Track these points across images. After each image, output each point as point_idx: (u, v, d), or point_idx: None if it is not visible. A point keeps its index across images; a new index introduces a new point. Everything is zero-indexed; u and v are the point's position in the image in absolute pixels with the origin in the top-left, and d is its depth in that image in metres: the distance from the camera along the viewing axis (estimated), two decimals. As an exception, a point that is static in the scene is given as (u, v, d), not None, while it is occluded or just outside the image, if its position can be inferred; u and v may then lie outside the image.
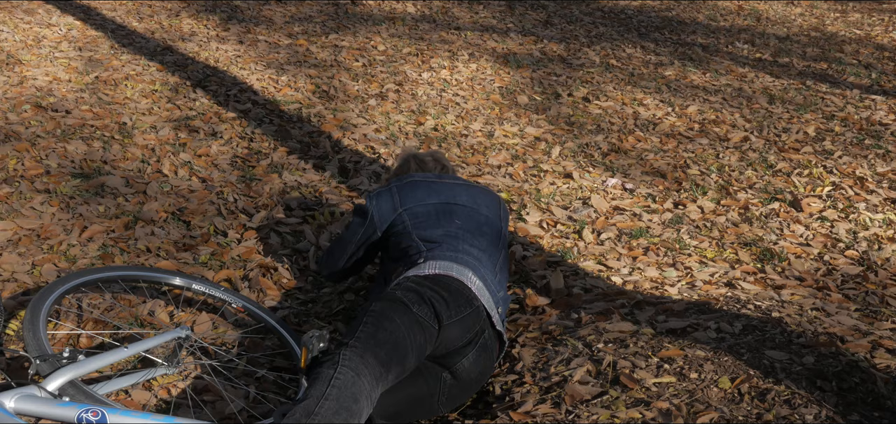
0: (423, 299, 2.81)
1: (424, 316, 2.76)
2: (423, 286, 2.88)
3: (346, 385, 2.43)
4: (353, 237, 3.45)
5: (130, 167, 4.65)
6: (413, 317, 2.74)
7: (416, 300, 2.80)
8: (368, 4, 8.79)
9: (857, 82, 7.17)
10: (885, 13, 10.07)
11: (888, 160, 5.28)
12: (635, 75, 7.12)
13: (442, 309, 2.80)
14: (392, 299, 2.80)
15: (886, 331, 3.11)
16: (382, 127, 5.58)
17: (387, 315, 2.72)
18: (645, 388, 2.69)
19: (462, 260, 3.06)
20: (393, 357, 2.62)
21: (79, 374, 2.53)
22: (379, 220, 3.39)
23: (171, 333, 2.97)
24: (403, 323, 2.71)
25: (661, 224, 4.42)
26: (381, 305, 2.77)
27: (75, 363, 2.54)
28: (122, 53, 6.54)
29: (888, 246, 4.14)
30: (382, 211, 3.39)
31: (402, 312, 2.74)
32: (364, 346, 2.57)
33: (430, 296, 2.82)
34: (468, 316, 2.87)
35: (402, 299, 2.79)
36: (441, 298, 2.83)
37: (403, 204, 3.38)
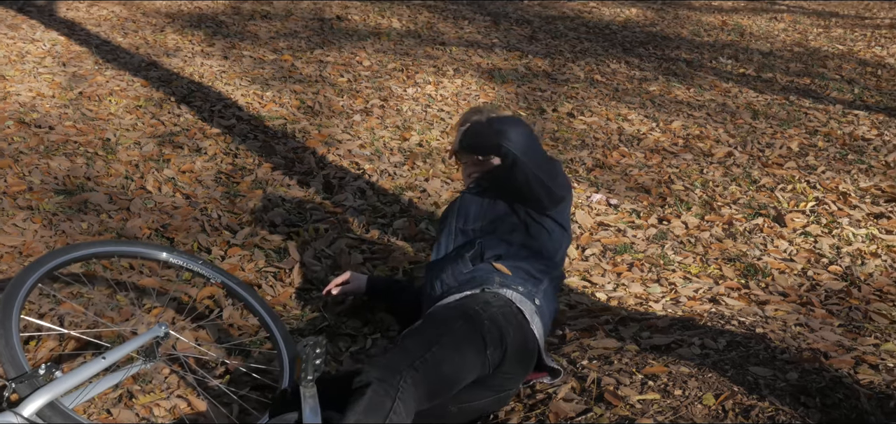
0: (502, 340, 2.74)
1: (491, 360, 2.71)
2: (510, 321, 2.83)
3: (399, 422, 2.36)
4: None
5: (114, 183, 4.63)
6: (483, 359, 2.67)
7: (497, 339, 2.73)
8: (354, 20, 8.79)
9: (840, 97, 7.20)
10: (867, 29, 10.13)
11: (871, 175, 5.30)
12: (620, 90, 7.14)
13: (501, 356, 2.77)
14: (478, 324, 2.73)
15: (870, 347, 3.12)
16: (367, 142, 5.57)
17: (462, 347, 2.63)
18: (629, 405, 2.69)
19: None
20: (440, 394, 2.56)
21: (57, 394, 2.46)
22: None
23: (149, 333, 2.91)
24: (470, 363, 2.64)
25: (645, 239, 4.43)
26: (465, 329, 2.68)
27: (53, 382, 2.48)
28: (107, 69, 6.53)
29: (871, 262, 4.16)
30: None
31: (477, 350, 2.66)
32: (425, 378, 2.47)
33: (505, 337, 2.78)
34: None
35: (484, 334, 2.70)
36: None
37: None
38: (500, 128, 2.99)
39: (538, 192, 3.07)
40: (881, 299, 3.74)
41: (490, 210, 3.19)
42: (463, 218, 3.22)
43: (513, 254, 3.06)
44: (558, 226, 3.19)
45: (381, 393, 2.35)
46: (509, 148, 2.95)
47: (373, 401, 2.33)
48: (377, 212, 4.61)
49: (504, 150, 2.96)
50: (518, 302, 2.89)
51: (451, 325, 2.72)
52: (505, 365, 2.77)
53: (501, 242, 3.09)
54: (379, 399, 2.33)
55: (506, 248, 3.08)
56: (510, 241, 3.09)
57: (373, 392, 2.35)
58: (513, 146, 2.95)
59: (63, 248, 3.02)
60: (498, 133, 2.98)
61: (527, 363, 2.87)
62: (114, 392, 2.96)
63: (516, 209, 3.15)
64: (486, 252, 3.07)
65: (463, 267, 3.04)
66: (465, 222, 3.20)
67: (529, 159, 2.99)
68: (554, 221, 3.17)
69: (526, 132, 2.99)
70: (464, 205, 3.25)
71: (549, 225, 3.15)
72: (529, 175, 3.00)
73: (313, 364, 2.55)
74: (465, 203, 3.26)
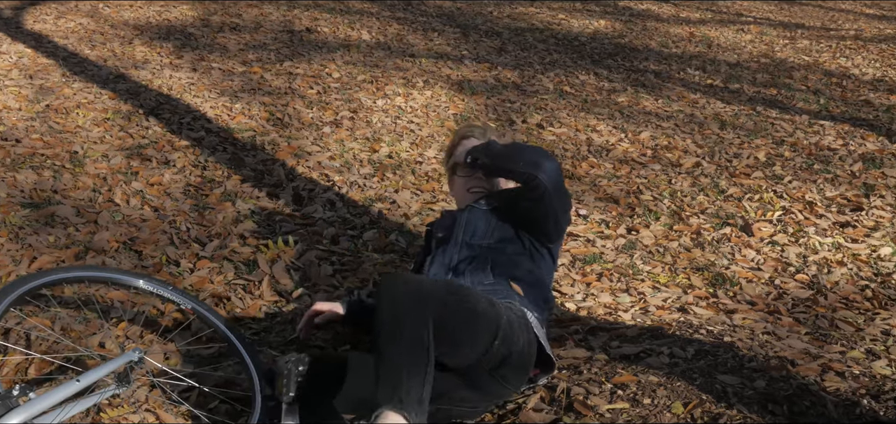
0: (512, 342, 2.80)
1: (495, 353, 2.76)
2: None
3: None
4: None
5: (81, 196, 4.60)
6: (489, 344, 2.73)
7: (509, 338, 2.79)
8: (323, 32, 8.79)
9: (806, 108, 7.28)
10: (832, 40, 10.24)
11: (837, 184, 5.35)
12: (589, 102, 7.18)
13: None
14: (498, 313, 2.77)
15: (836, 354, 3.15)
16: (337, 154, 5.57)
17: (480, 310, 2.69)
18: (599, 414, 2.70)
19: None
20: (447, 335, 2.61)
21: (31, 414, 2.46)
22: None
23: (124, 357, 2.91)
24: (481, 332, 2.71)
25: (614, 249, 4.45)
26: (486, 305, 2.73)
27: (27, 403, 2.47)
28: (74, 81, 6.49)
29: (837, 270, 4.20)
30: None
31: (489, 329, 2.73)
32: (446, 311, 2.57)
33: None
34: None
35: (500, 324, 2.75)
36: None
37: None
38: (535, 159, 3.02)
39: (551, 226, 3.14)
40: (847, 307, 3.78)
41: (497, 230, 3.19)
42: (471, 232, 3.21)
43: (522, 279, 3.08)
44: (551, 259, 3.24)
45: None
46: (544, 181, 2.98)
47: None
48: (347, 224, 4.60)
49: (537, 182, 2.99)
50: (534, 325, 2.92)
51: (476, 294, 2.76)
52: (505, 370, 2.79)
53: (511, 264, 3.10)
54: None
55: (515, 271, 3.09)
56: (518, 265, 3.11)
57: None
58: (547, 180, 2.99)
59: (35, 273, 3.01)
60: (534, 164, 3.01)
61: (523, 374, 2.90)
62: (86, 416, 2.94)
63: (522, 235, 3.17)
64: (496, 266, 3.08)
65: (484, 277, 3.05)
66: (473, 236, 3.19)
67: (556, 195, 3.04)
68: (549, 253, 3.22)
69: (557, 167, 3.04)
70: (472, 220, 3.24)
71: (545, 256, 3.19)
72: (550, 210, 3.06)
73: (295, 381, 2.56)
74: (473, 217, 3.25)
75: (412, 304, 2.47)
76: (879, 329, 3.48)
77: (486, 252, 3.14)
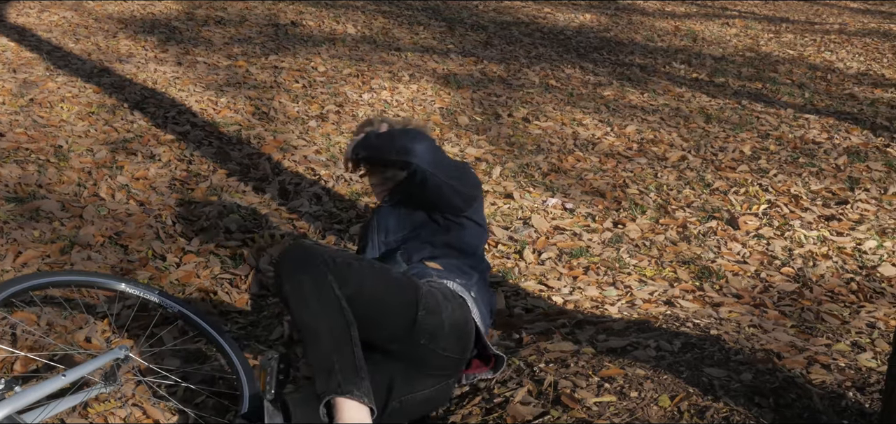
0: (438, 310, 2.86)
1: (423, 325, 2.82)
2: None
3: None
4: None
5: (66, 190, 4.58)
6: (412, 315, 2.79)
7: (433, 307, 2.84)
8: (308, 25, 8.76)
9: (791, 101, 7.30)
10: (817, 34, 10.27)
11: (822, 178, 5.38)
12: (574, 95, 7.18)
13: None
14: (415, 287, 2.82)
15: (822, 347, 3.17)
16: (323, 148, 5.56)
17: (391, 285, 2.77)
18: (586, 408, 2.71)
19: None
20: (358, 305, 2.66)
21: (16, 408, 2.46)
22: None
23: (110, 354, 2.91)
24: (395, 303, 2.77)
25: (600, 243, 4.46)
26: (401, 280, 2.80)
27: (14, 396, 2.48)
28: (58, 75, 6.45)
29: (823, 263, 4.21)
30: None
31: (406, 301, 2.77)
32: (346, 272, 2.62)
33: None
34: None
35: (419, 296, 2.80)
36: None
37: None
38: (404, 144, 2.99)
39: (452, 199, 3.10)
40: (832, 300, 3.79)
41: (408, 219, 3.18)
42: (384, 231, 3.20)
43: (440, 254, 3.09)
44: (475, 224, 3.21)
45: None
46: (417, 164, 2.95)
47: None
48: (333, 218, 4.60)
49: (412, 167, 2.96)
50: (458, 290, 2.94)
51: (382, 264, 2.81)
52: (442, 340, 2.81)
53: (426, 244, 3.10)
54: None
55: (431, 249, 3.09)
56: (434, 243, 3.10)
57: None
58: (420, 161, 2.96)
59: (19, 277, 3.00)
60: (403, 150, 2.98)
61: (465, 342, 2.91)
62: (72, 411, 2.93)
63: (434, 216, 3.15)
64: (412, 255, 3.08)
65: (397, 268, 3.04)
66: (387, 235, 3.19)
67: (439, 170, 3.00)
68: (470, 220, 3.20)
69: (430, 145, 3.00)
70: (382, 220, 3.23)
71: (467, 224, 3.17)
72: (441, 185, 3.02)
73: (276, 378, 2.54)
74: (382, 217, 3.23)
75: (311, 270, 2.53)
76: (864, 321, 3.49)
77: (399, 244, 3.15)
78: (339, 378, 2.40)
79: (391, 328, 2.73)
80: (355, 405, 2.39)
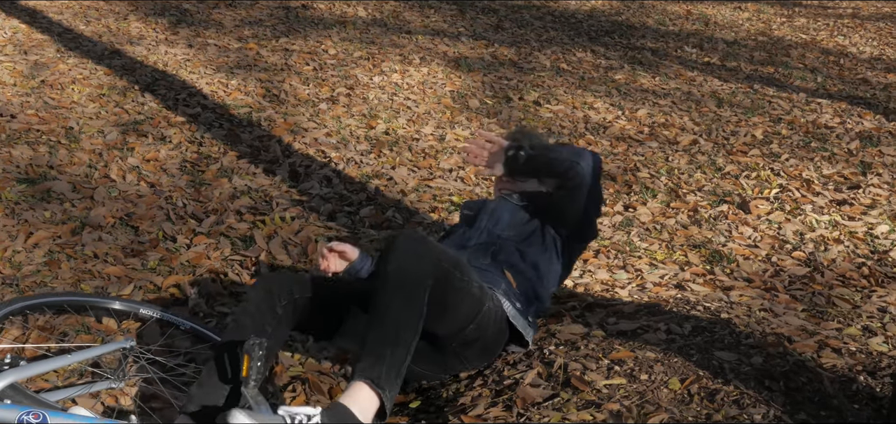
0: (484, 330, 2.91)
1: (466, 334, 2.89)
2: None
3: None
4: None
5: (77, 172, 4.59)
6: (466, 324, 2.84)
7: (484, 325, 2.90)
8: (319, 8, 8.75)
9: (803, 86, 7.27)
10: (830, 18, 10.22)
11: (834, 162, 5.35)
12: (585, 79, 7.16)
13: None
14: (484, 299, 2.85)
15: (833, 331, 3.16)
16: (333, 131, 5.55)
17: (471, 293, 2.80)
18: (596, 390, 2.70)
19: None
20: (439, 305, 2.74)
21: (20, 377, 2.48)
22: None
23: (116, 344, 2.92)
24: (464, 310, 2.81)
25: (611, 227, 4.45)
26: (479, 290, 2.82)
27: (17, 367, 2.50)
28: (69, 57, 6.46)
29: (834, 248, 4.20)
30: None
31: (471, 310, 2.82)
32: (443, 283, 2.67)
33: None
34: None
35: (482, 310, 2.85)
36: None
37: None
38: (578, 150, 3.10)
39: (581, 220, 3.17)
40: (844, 284, 3.78)
41: (521, 224, 3.20)
42: (495, 220, 3.22)
43: (524, 269, 3.09)
44: (567, 263, 3.26)
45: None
46: (584, 169, 3.02)
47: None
48: (344, 200, 4.60)
49: (578, 169, 3.02)
50: (511, 317, 2.94)
51: (473, 276, 2.80)
52: (469, 351, 2.90)
53: (517, 252, 3.11)
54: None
55: (519, 258, 3.10)
56: (525, 255, 3.11)
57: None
58: (588, 168, 3.03)
59: (15, 299, 3.01)
60: (576, 153, 3.06)
61: (486, 358, 3.00)
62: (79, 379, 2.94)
63: (546, 230, 3.18)
64: (500, 255, 3.09)
65: (483, 258, 3.07)
66: (496, 225, 3.20)
67: (592, 186, 3.08)
68: (567, 257, 3.24)
69: (599, 160, 3.10)
70: (499, 210, 3.25)
71: (561, 257, 3.20)
72: (583, 202, 3.10)
73: (257, 366, 2.51)
74: (501, 207, 3.26)
75: (419, 262, 2.55)
76: (876, 306, 3.48)
77: (500, 241, 3.16)
78: (381, 370, 2.41)
79: (442, 325, 2.76)
80: (374, 399, 2.39)
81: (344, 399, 2.36)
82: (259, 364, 2.49)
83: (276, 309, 2.81)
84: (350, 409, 2.34)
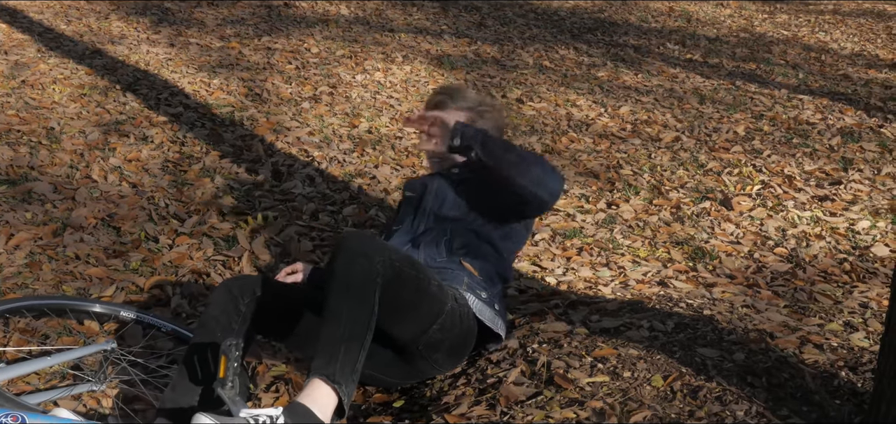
0: (450, 330, 2.88)
1: (431, 336, 2.85)
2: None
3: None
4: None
5: (58, 172, 4.56)
6: (428, 324, 2.81)
7: (448, 326, 2.86)
8: (301, 6, 8.73)
9: (785, 82, 7.29)
10: (811, 15, 10.26)
11: (815, 158, 5.38)
12: (568, 76, 7.17)
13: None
14: (445, 299, 2.82)
15: (815, 327, 3.17)
16: (316, 130, 5.54)
17: (428, 291, 2.76)
18: (579, 388, 2.71)
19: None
20: (395, 305, 2.72)
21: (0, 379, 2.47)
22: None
23: (97, 346, 2.91)
24: (424, 311, 2.78)
25: (594, 224, 4.46)
26: (437, 288, 2.78)
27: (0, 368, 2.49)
28: (50, 57, 6.43)
29: (816, 244, 4.22)
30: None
31: (432, 310, 2.79)
32: (394, 275, 2.63)
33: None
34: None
35: (444, 310, 2.81)
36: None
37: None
38: (543, 178, 2.88)
39: (529, 215, 3.13)
40: (825, 280, 3.80)
41: (467, 203, 3.08)
42: (440, 202, 3.10)
43: (482, 253, 3.03)
44: (525, 228, 3.20)
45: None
46: (548, 202, 2.94)
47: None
48: (327, 199, 4.59)
49: (542, 202, 2.93)
50: (477, 312, 2.91)
51: (429, 274, 2.76)
52: (437, 354, 2.87)
53: (471, 232, 3.04)
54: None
55: (474, 238, 3.04)
56: (480, 234, 3.05)
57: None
58: (551, 201, 2.94)
59: (24, 297, 2.99)
60: (539, 183, 2.87)
61: (456, 360, 2.97)
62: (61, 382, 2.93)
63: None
64: (454, 243, 3.02)
65: (437, 254, 3.00)
66: (441, 207, 3.09)
67: (554, 200, 2.97)
68: (523, 223, 3.18)
69: (562, 184, 2.93)
70: (442, 189, 3.12)
71: (518, 227, 3.15)
72: (545, 208, 3.03)
73: (233, 366, 2.50)
74: (443, 186, 3.13)
75: (367, 261, 2.52)
76: (857, 301, 3.50)
77: (449, 225, 3.06)
78: (336, 367, 2.40)
79: (402, 328, 2.75)
80: (332, 395, 2.38)
81: (302, 398, 2.35)
82: (235, 365, 2.49)
83: (239, 308, 2.81)
84: (310, 408, 2.32)
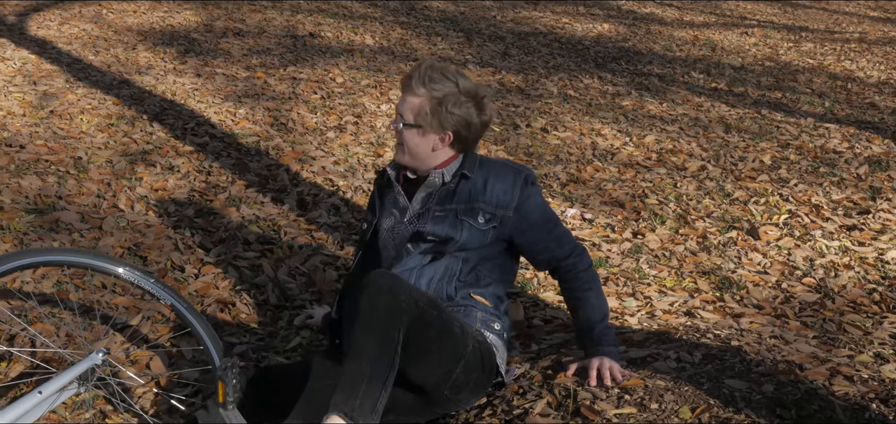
0: (473, 371, 2.85)
1: (455, 379, 2.81)
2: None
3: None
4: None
5: (86, 202, 4.59)
6: (452, 368, 2.77)
7: (473, 366, 2.83)
8: (327, 37, 8.78)
9: (811, 111, 7.26)
10: (837, 43, 10.22)
11: (843, 187, 5.34)
12: (593, 106, 7.16)
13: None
14: (466, 340, 2.78)
15: (844, 358, 3.13)
16: (341, 159, 5.56)
17: (452, 334, 2.72)
18: (606, 420, 2.68)
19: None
20: (417, 345, 2.66)
21: None
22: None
23: (85, 362, 2.83)
24: (445, 355, 2.73)
25: (620, 254, 4.44)
26: (461, 331, 2.75)
27: None
28: (78, 87, 6.48)
29: (844, 273, 4.18)
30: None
31: (454, 354, 2.75)
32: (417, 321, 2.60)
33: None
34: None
35: (466, 354, 2.78)
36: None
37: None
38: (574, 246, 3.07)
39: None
40: (855, 310, 3.76)
41: (456, 217, 2.95)
42: (427, 221, 2.96)
43: (491, 280, 2.99)
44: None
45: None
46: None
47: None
48: (352, 229, 4.59)
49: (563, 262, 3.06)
50: (494, 347, 2.91)
51: (452, 316, 2.73)
52: (462, 394, 2.83)
53: (479, 270, 2.97)
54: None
55: (481, 278, 2.98)
56: (487, 266, 2.99)
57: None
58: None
59: (14, 253, 2.91)
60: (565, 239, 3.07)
61: (477, 396, 2.94)
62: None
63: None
64: (463, 274, 2.94)
65: (449, 288, 2.93)
66: (426, 224, 2.95)
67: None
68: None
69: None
70: (431, 202, 2.99)
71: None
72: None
73: (232, 386, 2.49)
74: (433, 199, 2.99)
75: (392, 297, 2.47)
76: (888, 332, 3.46)
77: (447, 250, 2.94)
78: (355, 403, 2.37)
79: (426, 371, 2.71)
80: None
81: None
82: (234, 382, 2.47)
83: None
84: None
